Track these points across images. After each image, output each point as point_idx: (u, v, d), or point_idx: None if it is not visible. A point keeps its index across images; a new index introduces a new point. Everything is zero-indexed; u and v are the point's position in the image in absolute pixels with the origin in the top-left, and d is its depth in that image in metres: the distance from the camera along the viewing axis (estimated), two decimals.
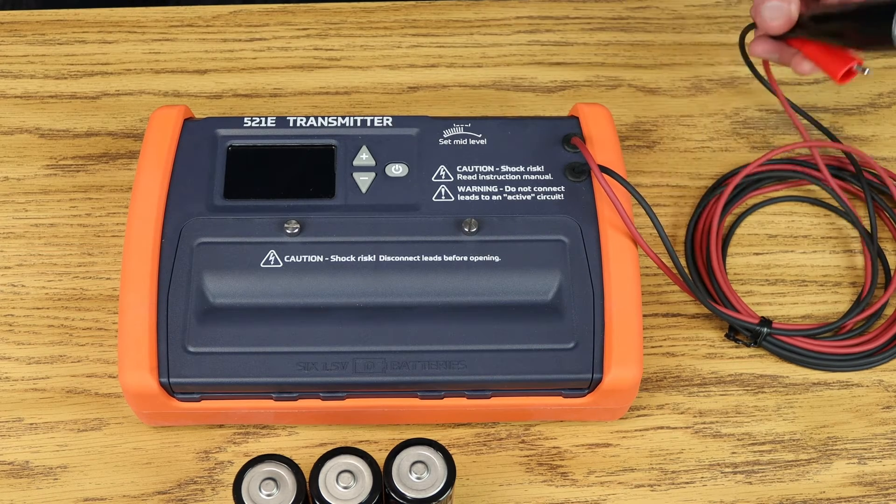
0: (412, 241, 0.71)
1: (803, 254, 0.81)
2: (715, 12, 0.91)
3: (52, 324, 0.77)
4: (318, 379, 0.68)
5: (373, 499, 0.62)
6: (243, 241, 0.70)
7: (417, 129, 0.74)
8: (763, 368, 0.77)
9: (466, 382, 0.69)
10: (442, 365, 0.69)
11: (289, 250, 0.70)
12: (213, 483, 0.72)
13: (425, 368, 0.69)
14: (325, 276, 0.70)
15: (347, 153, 0.73)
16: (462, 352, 0.69)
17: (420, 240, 0.71)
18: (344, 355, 0.69)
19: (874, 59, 0.89)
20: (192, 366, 0.68)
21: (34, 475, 0.72)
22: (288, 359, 0.68)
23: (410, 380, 0.69)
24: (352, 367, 0.69)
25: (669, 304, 0.79)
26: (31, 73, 0.86)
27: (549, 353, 0.69)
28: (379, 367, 0.69)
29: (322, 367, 0.69)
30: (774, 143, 0.85)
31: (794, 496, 0.72)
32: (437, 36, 0.89)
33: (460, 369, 0.69)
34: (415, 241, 0.71)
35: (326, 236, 0.70)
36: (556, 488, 0.72)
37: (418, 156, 0.73)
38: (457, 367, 0.69)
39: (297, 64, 0.88)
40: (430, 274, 0.70)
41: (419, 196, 0.72)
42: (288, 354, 0.68)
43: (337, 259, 0.70)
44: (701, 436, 0.74)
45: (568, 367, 0.69)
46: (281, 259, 0.70)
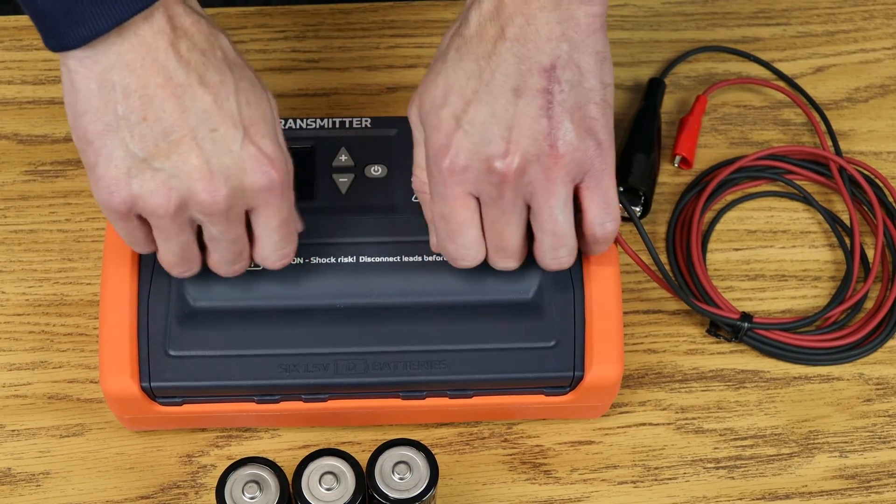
0: (392, 242, 0.71)
1: (783, 248, 0.81)
2: (691, 9, 0.91)
3: (33, 330, 0.76)
4: (299, 381, 0.68)
5: (356, 500, 0.63)
6: None
7: (396, 129, 0.74)
8: (744, 363, 0.77)
9: (448, 382, 0.69)
10: (423, 365, 0.69)
11: None
12: (197, 487, 0.71)
13: (407, 368, 0.69)
14: (306, 278, 0.70)
15: (326, 155, 0.73)
16: (443, 351, 0.69)
17: (400, 240, 0.71)
18: (325, 357, 0.69)
19: (852, 54, 0.89)
20: (174, 369, 0.68)
21: (16, 482, 0.71)
22: (269, 361, 0.68)
23: (392, 380, 0.69)
24: (333, 368, 0.69)
25: (650, 301, 0.79)
26: (8, 78, 0.86)
27: (529, 351, 0.69)
28: (360, 368, 0.69)
29: (303, 368, 0.69)
30: (753, 138, 0.85)
31: (776, 490, 0.72)
32: (415, 36, 0.89)
33: (442, 369, 0.69)
34: (395, 242, 0.71)
35: (306, 238, 0.69)
36: (539, 486, 0.72)
37: (397, 157, 0.73)
38: (438, 366, 0.69)
39: (275, 66, 0.88)
40: (410, 274, 0.70)
41: (399, 197, 0.72)
42: (269, 357, 0.68)
43: (317, 261, 0.70)
44: (683, 432, 0.74)
45: (549, 366, 0.69)
46: None
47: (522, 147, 0.62)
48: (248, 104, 0.62)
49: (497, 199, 0.63)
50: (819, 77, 0.88)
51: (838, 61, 0.89)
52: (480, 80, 0.62)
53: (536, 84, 0.62)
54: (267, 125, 0.63)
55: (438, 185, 0.64)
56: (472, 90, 0.62)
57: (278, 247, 0.65)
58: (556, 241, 0.65)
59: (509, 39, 0.62)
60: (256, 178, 0.62)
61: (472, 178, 0.63)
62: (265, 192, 0.62)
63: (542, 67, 0.62)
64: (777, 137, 0.86)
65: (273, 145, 0.63)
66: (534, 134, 0.62)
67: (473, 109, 0.62)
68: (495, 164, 0.62)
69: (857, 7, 0.91)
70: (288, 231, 0.65)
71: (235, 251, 0.65)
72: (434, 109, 0.64)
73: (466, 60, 0.63)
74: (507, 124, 0.62)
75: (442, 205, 0.65)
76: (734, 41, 0.89)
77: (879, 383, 0.76)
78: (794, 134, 0.86)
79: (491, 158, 0.62)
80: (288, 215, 0.65)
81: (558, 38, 0.62)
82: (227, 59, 0.62)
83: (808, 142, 0.86)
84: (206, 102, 0.60)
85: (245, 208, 0.63)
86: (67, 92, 0.61)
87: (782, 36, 0.90)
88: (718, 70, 0.88)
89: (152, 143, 0.60)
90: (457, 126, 0.63)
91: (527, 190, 0.63)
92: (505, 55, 0.62)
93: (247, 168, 0.61)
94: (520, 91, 0.62)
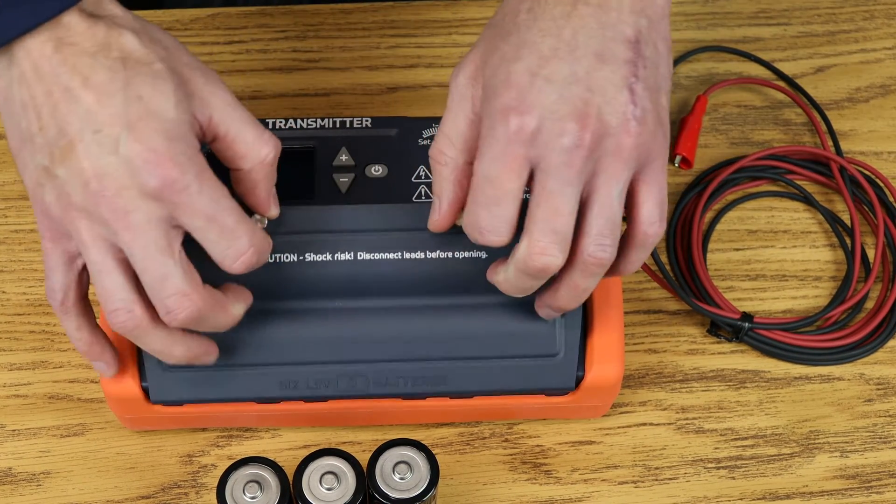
0: (394, 237, 0.69)
1: (783, 248, 0.81)
2: (692, 9, 0.91)
3: (34, 329, 0.77)
4: (299, 395, 0.69)
5: (356, 500, 0.63)
6: None
7: (397, 129, 0.74)
8: (745, 363, 0.77)
9: (451, 394, 0.70)
10: (427, 381, 0.69)
11: None
12: (197, 487, 0.71)
13: (409, 384, 0.69)
14: (301, 276, 0.68)
15: (327, 154, 0.73)
16: (447, 367, 0.69)
17: (402, 236, 0.69)
18: (326, 373, 0.68)
19: (853, 54, 0.89)
20: (171, 383, 0.68)
21: (17, 482, 0.71)
22: (268, 378, 0.68)
23: (394, 393, 0.69)
24: (334, 385, 0.69)
25: (650, 301, 0.79)
26: None
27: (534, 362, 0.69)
28: (362, 385, 0.69)
29: (304, 385, 0.69)
30: (753, 138, 0.85)
31: (777, 490, 0.72)
32: (415, 36, 0.89)
33: (445, 383, 0.69)
34: (397, 236, 0.69)
35: (301, 234, 0.68)
36: (539, 486, 0.72)
37: (398, 156, 0.73)
38: (441, 381, 0.69)
39: (275, 66, 0.88)
40: (412, 279, 0.68)
41: (399, 197, 0.72)
42: (267, 373, 0.68)
43: (312, 258, 0.69)
44: (684, 432, 0.74)
45: (552, 377, 0.69)
46: None
47: (602, 115, 0.58)
48: (138, 99, 0.58)
49: (562, 167, 0.58)
50: (820, 77, 0.88)
51: (839, 61, 0.89)
52: (559, 39, 0.58)
53: (622, 53, 0.58)
54: (159, 119, 0.58)
55: (496, 143, 0.59)
56: (550, 47, 0.58)
57: (221, 245, 0.60)
58: (605, 228, 0.59)
59: (591, 5, 0.59)
60: (146, 179, 0.57)
61: (539, 142, 0.58)
62: (164, 191, 0.58)
63: (626, 38, 0.59)
64: (778, 137, 0.86)
65: (164, 141, 0.58)
66: (614, 104, 0.58)
67: (552, 66, 0.58)
68: (571, 126, 0.57)
69: (858, 7, 0.91)
70: (223, 226, 0.60)
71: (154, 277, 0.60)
72: (504, 64, 0.59)
73: (542, 20, 0.59)
74: (589, 87, 0.58)
75: (492, 166, 0.59)
76: (735, 41, 0.89)
77: (880, 383, 0.76)
78: (794, 134, 0.86)
79: (567, 120, 0.57)
80: (213, 210, 0.59)
81: (639, 13, 0.59)
82: (124, 58, 0.58)
83: (808, 142, 0.86)
84: (89, 103, 0.57)
85: (161, 218, 0.59)
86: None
87: (783, 36, 0.90)
88: (719, 70, 0.88)
89: (48, 152, 0.58)
90: (531, 82, 0.58)
91: (593, 165, 0.58)
92: (587, 19, 0.58)
93: (135, 169, 0.57)
94: (603, 57, 0.58)
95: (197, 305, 0.60)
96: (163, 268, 0.59)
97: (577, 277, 0.62)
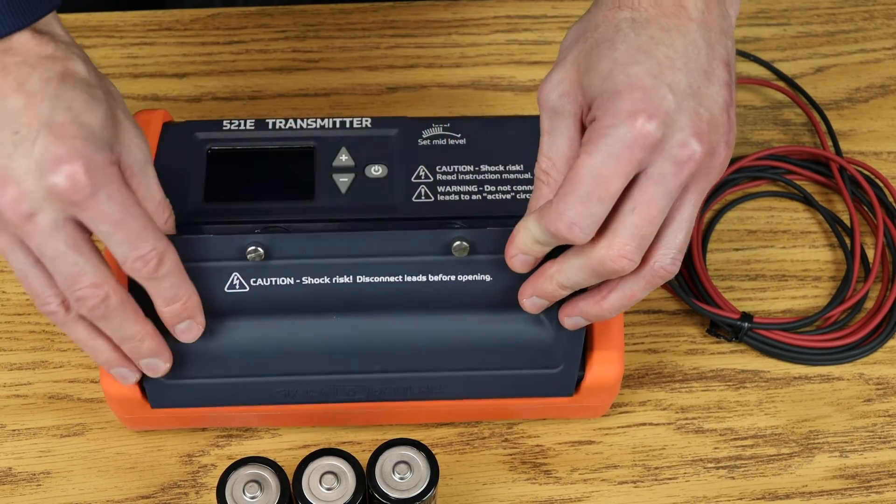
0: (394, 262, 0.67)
1: (783, 248, 0.81)
2: None
3: (34, 329, 0.77)
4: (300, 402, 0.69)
5: (356, 500, 0.63)
6: (206, 266, 0.66)
7: (397, 129, 0.74)
8: (744, 363, 0.77)
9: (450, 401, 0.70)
10: (425, 391, 0.69)
11: (256, 273, 0.66)
12: (197, 487, 0.71)
13: (407, 394, 0.69)
14: (298, 300, 0.67)
15: (327, 154, 0.73)
16: (446, 378, 0.69)
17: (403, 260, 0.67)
18: (325, 384, 0.69)
19: (852, 54, 0.89)
20: (172, 392, 0.68)
21: (17, 482, 0.72)
22: (268, 388, 0.68)
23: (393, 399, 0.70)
24: (332, 394, 0.69)
25: (650, 301, 0.79)
26: None
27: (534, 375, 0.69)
28: (363, 394, 0.69)
29: (304, 395, 0.69)
30: (753, 138, 0.85)
31: (776, 490, 0.72)
32: (415, 36, 0.89)
33: (444, 393, 0.69)
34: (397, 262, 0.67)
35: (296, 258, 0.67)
36: (539, 486, 0.72)
37: (398, 156, 0.73)
38: (440, 392, 0.69)
39: (275, 66, 0.88)
40: (411, 295, 0.67)
41: (399, 197, 0.72)
42: (267, 385, 0.68)
43: (309, 281, 0.67)
44: (683, 432, 0.74)
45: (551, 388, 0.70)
46: (247, 283, 0.67)
47: (711, 135, 0.58)
48: (67, 108, 0.58)
49: (670, 178, 0.57)
50: (819, 77, 0.88)
51: (839, 61, 0.89)
52: (673, 48, 0.58)
53: (722, 74, 0.58)
54: (83, 128, 0.58)
55: (616, 143, 0.57)
56: (666, 56, 0.57)
57: (124, 248, 0.59)
58: (682, 243, 0.60)
59: (695, 21, 0.58)
60: (55, 179, 0.57)
61: (658, 149, 0.57)
62: (72, 194, 0.57)
63: (723, 59, 0.59)
64: (777, 137, 0.86)
65: (83, 145, 0.57)
66: (719, 125, 0.58)
67: (672, 74, 0.57)
68: (691, 140, 0.57)
69: (858, 7, 0.91)
70: (129, 231, 0.59)
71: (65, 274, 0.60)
72: (619, 67, 0.57)
73: (650, 29, 0.58)
74: (701, 103, 0.58)
75: (606, 163, 0.57)
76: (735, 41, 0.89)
77: (879, 383, 0.77)
78: (794, 134, 0.86)
79: (688, 133, 0.57)
80: (121, 216, 0.58)
81: (727, 35, 0.59)
82: (64, 73, 0.58)
83: (808, 142, 0.86)
84: (17, 106, 0.57)
85: (67, 218, 0.58)
86: None
87: (783, 36, 0.90)
88: None
89: None
90: (655, 86, 0.57)
91: (692, 181, 0.59)
92: (693, 34, 0.58)
93: (44, 170, 0.57)
94: (709, 75, 0.58)
95: (107, 293, 0.60)
96: (73, 267, 0.59)
97: (637, 286, 0.61)
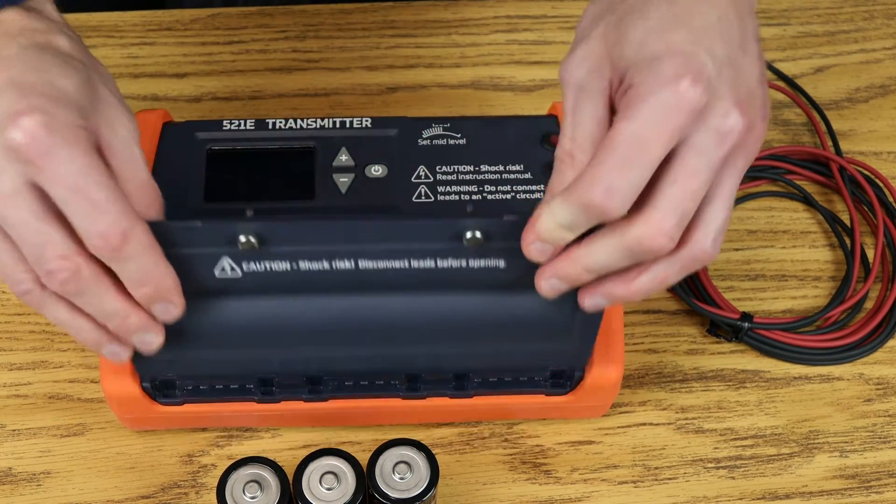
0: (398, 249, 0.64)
1: (783, 248, 0.81)
2: None
3: (34, 329, 0.77)
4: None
5: (356, 500, 0.63)
6: (195, 252, 0.63)
7: (397, 129, 0.74)
8: (744, 363, 0.77)
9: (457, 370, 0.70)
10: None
11: (247, 256, 0.63)
12: (197, 487, 0.71)
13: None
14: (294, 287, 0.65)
15: (327, 154, 0.73)
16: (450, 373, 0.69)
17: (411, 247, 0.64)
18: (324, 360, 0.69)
19: (852, 54, 0.89)
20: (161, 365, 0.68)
21: (17, 482, 0.72)
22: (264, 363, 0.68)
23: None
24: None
25: (650, 301, 0.79)
26: None
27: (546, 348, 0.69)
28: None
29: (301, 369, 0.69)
30: None
31: (776, 490, 0.72)
32: (415, 36, 0.89)
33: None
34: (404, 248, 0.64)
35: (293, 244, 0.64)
36: (539, 486, 0.72)
37: (398, 156, 0.73)
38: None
39: (275, 66, 0.88)
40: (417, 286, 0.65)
41: (399, 197, 0.72)
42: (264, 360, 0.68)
43: (308, 267, 0.64)
44: (683, 432, 0.74)
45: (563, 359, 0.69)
46: (238, 267, 0.63)
47: (751, 107, 0.55)
48: (39, 70, 0.55)
49: (713, 149, 0.54)
50: (819, 77, 0.88)
51: (839, 61, 0.89)
52: (706, 18, 0.55)
53: (755, 49, 0.57)
54: (53, 88, 0.55)
55: (659, 106, 0.53)
56: (702, 24, 0.55)
57: (85, 221, 0.54)
58: (724, 223, 0.56)
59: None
60: (12, 133, 0.53)
61: (701, 117, 0.54)
62: (28, 150, 0.53)
63: (754, 35, 0.57)
64: (777, 137, 0.86)
65: (47, 102, 0.54)
66: (756, 98, 0.56)
67: (710, 41, 0.55)
68: (734, 110, 0.54)
69: (858, 7, 0.91)
70: (88, 201, 0.54)
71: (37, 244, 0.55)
72: (654, 35, 0.55)
73: (681, 3, 0.56)
74: (740, 75, 0.55)
75: (647, 127, 0.53)
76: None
77: (880, 383, 0.77)
78: (794, 134, 0.86)
79: (730, 102, 0.54)
80: (81, 182, 0.54)
81: (752, 13, 0.58)
82: (44, 44, 0.56)
83: (808, 142, 0.86)
84: None
85: (29, 183, 0.54)
86: None
87: (783, 36, 0.90)
88: None
89: None
90: (695, 52, 0.54)
91: (731, 156, 0.56)
92: (725, 7, 0.56)
93: (3, 125, 0.53)
94: (745, 48, 0.56)
95: (78, 265, 0.55)
96: (38, 236, 0.55)
97: (671, 269, 0.57)
